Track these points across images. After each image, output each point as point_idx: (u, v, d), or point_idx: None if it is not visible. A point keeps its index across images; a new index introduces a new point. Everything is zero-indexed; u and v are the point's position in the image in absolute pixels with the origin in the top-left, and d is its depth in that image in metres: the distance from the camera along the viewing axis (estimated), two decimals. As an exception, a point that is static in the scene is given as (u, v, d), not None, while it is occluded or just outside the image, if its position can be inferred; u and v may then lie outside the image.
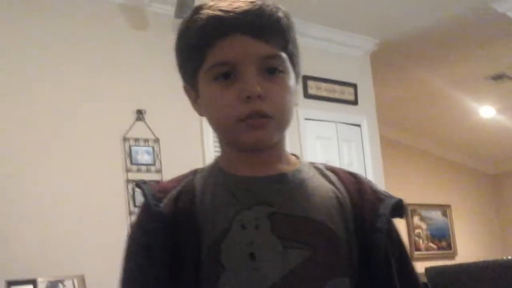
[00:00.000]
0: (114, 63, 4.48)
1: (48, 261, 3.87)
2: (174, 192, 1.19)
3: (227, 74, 1.14)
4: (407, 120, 8.65)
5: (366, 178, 1.27)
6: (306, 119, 5.53)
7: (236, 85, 1.13)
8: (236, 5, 1.15)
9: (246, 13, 1.14)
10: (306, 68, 5.36)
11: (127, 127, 4.42)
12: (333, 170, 1.27)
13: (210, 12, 1.15)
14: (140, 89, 4.56)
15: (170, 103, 4.64)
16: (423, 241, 9.06)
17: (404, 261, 1.22)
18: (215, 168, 1.24)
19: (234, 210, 1.14)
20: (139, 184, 1.22)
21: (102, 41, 4.46)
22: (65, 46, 4.28)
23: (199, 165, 4.36)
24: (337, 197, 1.20)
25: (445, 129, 8.88)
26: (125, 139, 4.40)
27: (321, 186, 1.21)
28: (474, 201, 9.88)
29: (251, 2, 1.16)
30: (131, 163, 4.42)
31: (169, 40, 4.59)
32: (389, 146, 7.58)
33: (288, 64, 1.19)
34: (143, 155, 4.47)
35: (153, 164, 4.51)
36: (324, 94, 5.75)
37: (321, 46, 5.77)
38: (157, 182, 1.28)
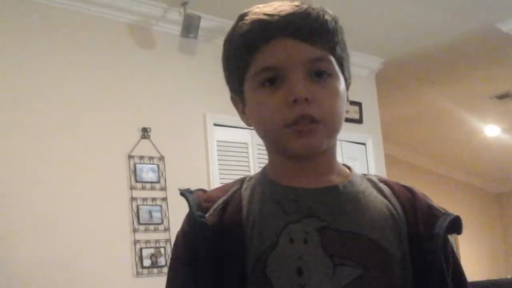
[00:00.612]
0: (120, 81, 4.50)
1: (49, 281, 3.86)
2: (220, 202, 1.14)
3: (273, 79, 1.10)
4: (412, 138, 8.65)
5: (421, 193, 1.22)
6: (311, 137, 5.52)
7: (282, 89, 1.09)
8: (280, 8, 1.12)
9: (291, 15, 1.10)
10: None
11: (132, 145, 4.43)
12: (387, 183, 1.22)
13: (254, 17, 1.13)
14: (145, 107, 4.58)
15: (175, 121, 4.66)
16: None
17: (459, 281, 1.17)
18: (263, 178, 1.19)
19: (283, 223, 1.09)
20: (184, 193, 1.17)
21: (108, 59, 4.49)
22: (72, 64, 4.30)
23: (203, 182, 4.38)
24: (392, 214, 1.14)
25: (450, 148, 8.88)
26: (130, 156, 4.41)
27: (375, 201, 1.15)
28: (478, 220, 9.85)
29: (297, 5, 1.12)
30: (136, 180, 4.42)
31: (175, 59, 4.65)
32: (394, 164, 7.57)
33: (337, 67, 1.15)
34: (148, 173, 4.47)
35: (158, 182, 4.51)
36: (329, 112, 5.74)
37: (326, 65, 5.78)
38: (204, 191, 1.21)
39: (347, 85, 1.20)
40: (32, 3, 4.18)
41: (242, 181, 1.21)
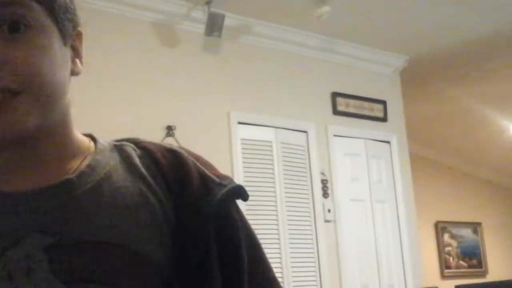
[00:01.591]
0: (145, 79, 4.53)
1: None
2: None
3: None
4: (437, 137, 8.59)
5: (190, 159, 0.90)
6: (335, 135, 5.52)
7: None
8: None
9: None
10: (335, 84, 5.37)
11: (157, 143, 4.44)
12: (146, 148, 0.92)
13: None
14: (170, 106, 4.60)
15: (199, 119, 4.67)
16: (453, 259, 8.96)
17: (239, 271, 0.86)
18: None
19: None
20: None
21: (133, 58, 4.51)
22: (96, 62, 4.33)
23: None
24: (148, 200, 0.83)
25: (475, 146, 8.81)
26: (155, 155, 4.42)
27: (124, 185, 0.84)
28: (505, 218, 9.76)
29: None
30: (161, 178, 4.43)
31: (199, 58, 4.69)
32: (419, 163, 7.53)
33: (43, 16, 0.80)
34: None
35: (183, 180, 4.51)
36: (353, 111, 5.74)
37: (351, 63, 5.77)
38: None
39: (68, 40, 0.88)
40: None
41: None
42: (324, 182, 5.29)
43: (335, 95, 5.59)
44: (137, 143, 0.94)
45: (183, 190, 0.85)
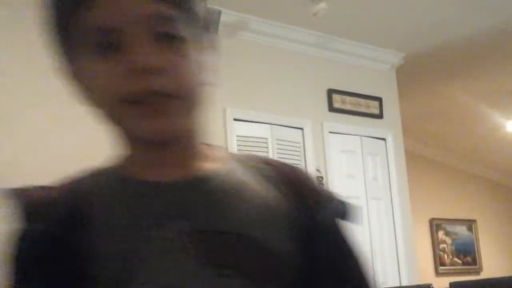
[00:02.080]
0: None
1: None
2: (52, 206, 0.88)
3: (108, 43, 0.84)
4: (432, 134, 8.61)
5: (305, 173, 1.01)
6: (330, 132, 5.52)
7: (119, 56, 0.83)
8: None
9: None
10: (331, 81, 5.36)
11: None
12: (267, 163, 1.00)
13: None
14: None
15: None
16: (448, 256, 8.99)
17: (352, 272, 0.99)
18: (111, 172, 0.94)
19: (138, 231, 0.85)
20: (8, 195, 0.89)
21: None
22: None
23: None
24: (273, 202, 0.92)
25: (471, 144, 8.83)
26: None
27: (257, 190, 0.93)
28: (500, 216, 9.79)
29: None
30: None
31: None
32: (414, 160, 7.54)
33: (191, 29, 0.88)
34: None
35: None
36: (349, 107, 5.74)
37: (347, 60, 5.77)
38: (24, 192, 0.90)
39: (208, 50, 0.94)
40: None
41: (83, 177, 0.95)
42: (319, 179, 5.29)
43: (331, 92, 5.59)
44: (256, 157, 1.04)
45: (303, 199, 0.94)
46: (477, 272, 9.11)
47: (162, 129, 0.85)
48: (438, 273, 8.71)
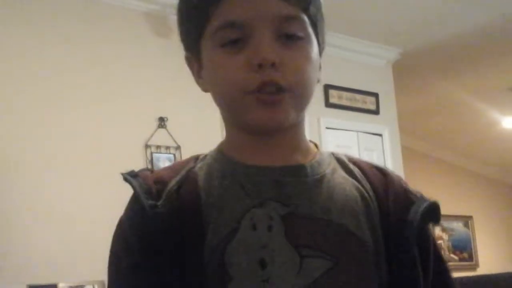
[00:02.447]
0: (137, 70, 4.51)
1: (69, 267, 3.89)
2: (173, 183, 0.98)
3: (236, 39, 0.94)
4: (429, 130, 8.61)
5: (396, 175, 1.08)
6: (327, 128, 5.52)
7: (245, 50, 0.93)
8: None
9: None
10: (328, 77, 5.34)
11: (149, 134, 4.44)
12: (357, 163, 1.08)
13: None
14: (162, 97, 4.58)
15: (192, 111, 4.66)
16: (444, 252, 8.99)
17: (438, 273, 1.03)
18: (220, 155, 1.04)
19: (244, 207, 0.95)
20: (127, 177, 1.01)
21: (124, 48, 4.49)
22: (88, 52, 4.31)
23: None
24: (363, 197, 1.00)
25: (467, 140, 8.83)
26: (146, 146, 4.42)
27: (344, 182, 1.02)
28: (496, 212, 9.80)
29: None
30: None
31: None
32: (410, 156, 7.55)
33: (310, 29, 0.98)
34: (164, 162, 4.48)
35: (174, 171, 4.51)
36: (346, 103, 5.74)
37: (343, 55, 5.76)
38: (151, 171, 1.04)
39: (321, 50, 1.05)
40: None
41: (195, 159, 1.06)
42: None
43: (327, 87, 5.58)
44: (348, 157, 1.11)
45: (387, 198, 1.01)
46: (474, 268, 9.12)
47: (276, 119, 0.94)
48: (434, 269, 8.72)
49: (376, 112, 5.97)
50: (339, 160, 1.08)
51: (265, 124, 0.95)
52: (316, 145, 1.09)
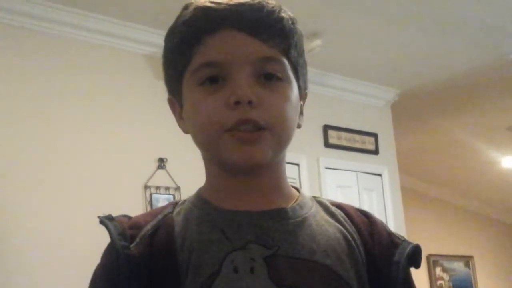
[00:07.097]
0: (137, 112, 4.53)
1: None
2: (148, 228, 0.98)
3: (215, 78, 0.95)
4: (428, 170, 8.61)
5: (378, 218, 1.08)
6: (326, 168, 5.53)
7: (224, 89, 0.94)
8: None
9: (241, 6, 0.96)
10: (327, 117, 5.37)
11: (148, 175, 4.44)
12: (340, 207, 1.08)
13: (199, 4, 0.98)
14: (162, 138, 4.59)
15: (191, 152, 4.64)
16: (445, 292, 8.93)
17: None
18: (199, 200, 1.04)
19: (225, 250, 0.93)
20: (103, 220, 1.00)
21: (125, 90, 4.52)
22: (89, 94, 4.33)
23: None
24: (347, 239, 1.00)
25: (467, 179, 8.83)
26: (146, 187, 4.42)
27: (326, 224, 1.02)
28: (497, 252, 9.76)
29: None
30: (152, 211, 4.42)
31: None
32: (410, 196, 7.54)
33: (290, 72, 0.99)
34: (163, 203, 4.42)
35: (174, 212, 4.50)
36: (345, 143, 5.76)
37: (342, 96, 5.80)
38: (129, 217, 1.04)
39: (302, 95, 1.05)
40: (53, 38, 4.23)
41: (174, 204, 1.06)
42: (316, 215, 5.27)
43: (326, 128, 5.61)
44: (330, 201, 1.11)
45: (373, 240, 1.01)
46: (475, 308, 9.05)
47: (253, 157, 0.94)
48: (435, 310, 8.65)
49: (375, 152, 5.98)
50: (321, 203, 1.08)
51: (242, 162, 0.95)
52: (297, 189, 1.09)
